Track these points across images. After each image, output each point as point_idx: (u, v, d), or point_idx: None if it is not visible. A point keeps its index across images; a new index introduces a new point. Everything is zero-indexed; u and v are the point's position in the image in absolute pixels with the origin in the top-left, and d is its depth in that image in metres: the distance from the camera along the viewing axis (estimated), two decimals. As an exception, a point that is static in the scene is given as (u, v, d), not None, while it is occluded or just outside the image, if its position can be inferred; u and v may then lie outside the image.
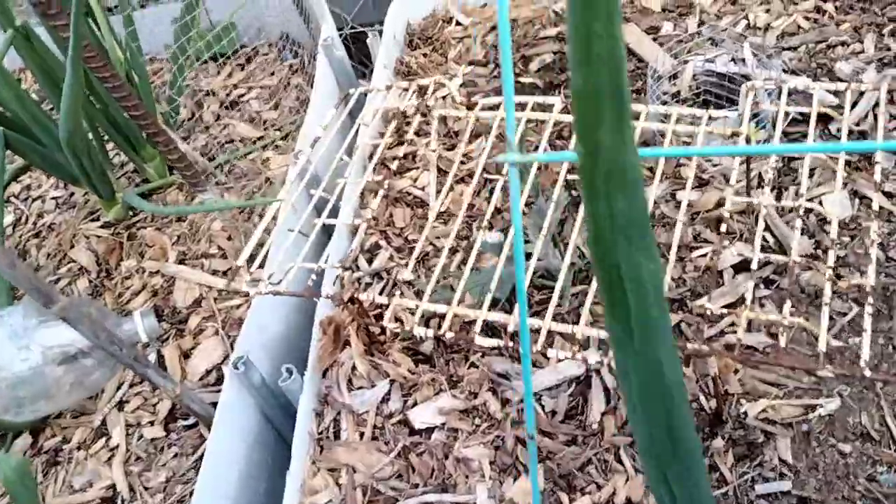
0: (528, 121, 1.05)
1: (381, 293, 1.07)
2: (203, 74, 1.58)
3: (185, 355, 1.11)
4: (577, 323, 0.79)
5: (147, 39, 1.41)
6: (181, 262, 1.22)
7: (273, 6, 1.50)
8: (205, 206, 1.14)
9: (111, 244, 1.27)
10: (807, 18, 1.27)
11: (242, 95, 1.52)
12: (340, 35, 1.50)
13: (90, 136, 1.25)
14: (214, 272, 1.20)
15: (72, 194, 1.41)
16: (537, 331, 0.82)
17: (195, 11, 1.46)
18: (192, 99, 1.52)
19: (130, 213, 1.32)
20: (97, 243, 1.28)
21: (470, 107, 1.07)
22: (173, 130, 1.32)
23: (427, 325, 0.92)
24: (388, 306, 0.88)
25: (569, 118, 1.02)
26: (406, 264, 1.09)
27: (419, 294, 1.03)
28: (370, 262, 1.11)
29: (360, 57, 1.99)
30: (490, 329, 0.93)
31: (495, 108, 1.08)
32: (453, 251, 1.10)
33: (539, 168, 1.00)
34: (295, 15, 1.46)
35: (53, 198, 1.41)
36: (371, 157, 1.23)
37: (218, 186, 1.32)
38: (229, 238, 1.23)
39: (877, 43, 1.17)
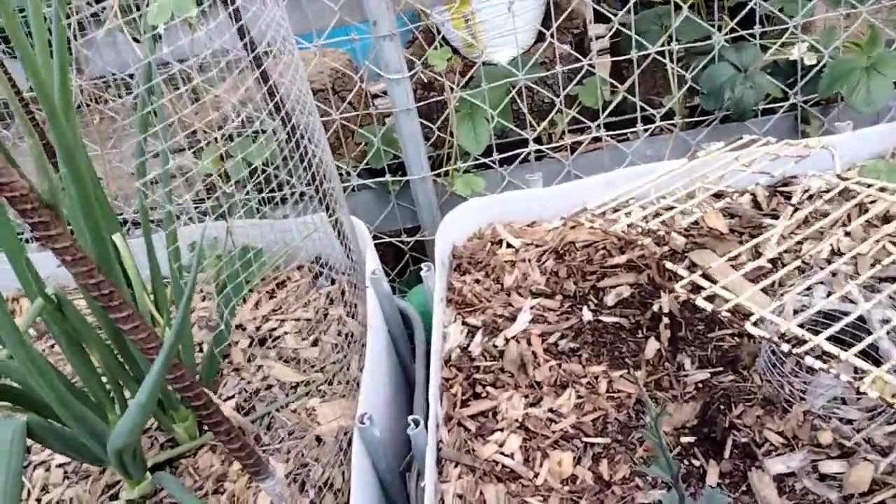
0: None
1: None
2: (227, 304, 1.43)
3: None
4: None
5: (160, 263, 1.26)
6: (227, 553, 1.03)
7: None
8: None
9: (139, 532, 1.07)
10: (894, 243, 1.20)
11: (274, 329, 1.37)
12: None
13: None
14: (269, 567, 1.00)
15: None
16: None
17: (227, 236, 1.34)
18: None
19: (158, 485, 1.13)
20: (121, 531, 1.08)
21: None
22: (216, 394, 1.16)
23: None
24: None
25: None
26: (509, 561, 0.92)
27: None
28: (466, 559, 0.94)
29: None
30: None
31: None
32: (560, 537, 0.94)
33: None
34: (332, 237, 1.35)
35: (60, 465, 1.21)
36: (449, 418, 1.08)
37: (260, 447, 1.15)
38: (282, 518, 1.05)
39: None
